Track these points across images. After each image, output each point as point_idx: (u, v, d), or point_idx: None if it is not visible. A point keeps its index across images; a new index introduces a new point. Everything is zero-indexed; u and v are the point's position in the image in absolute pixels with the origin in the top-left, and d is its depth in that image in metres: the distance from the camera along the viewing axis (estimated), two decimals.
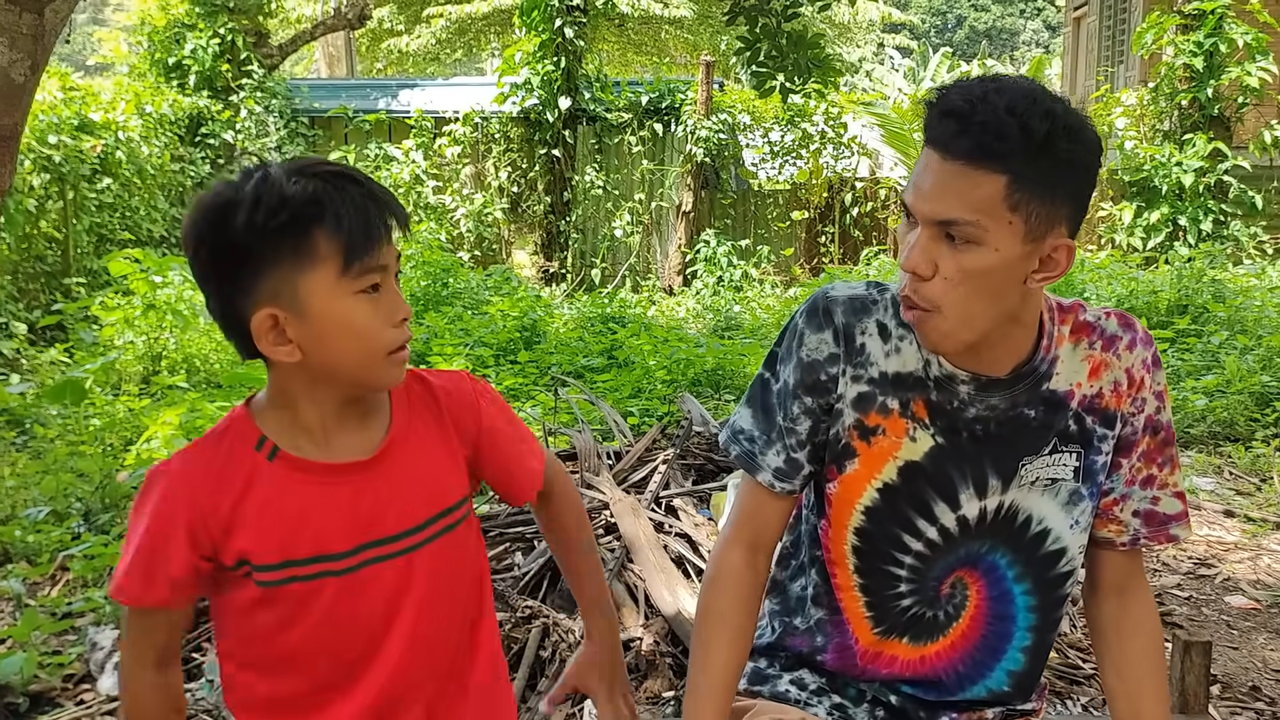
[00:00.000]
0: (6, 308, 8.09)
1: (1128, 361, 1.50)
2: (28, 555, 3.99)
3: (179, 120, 11.98)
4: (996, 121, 1.27)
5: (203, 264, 1.27)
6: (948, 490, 1.49)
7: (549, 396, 5.96)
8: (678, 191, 12.83)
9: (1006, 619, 1.57)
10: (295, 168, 1.25)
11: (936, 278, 1.34)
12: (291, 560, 1.31)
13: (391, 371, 1.31)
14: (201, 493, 1.29)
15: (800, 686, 1.64)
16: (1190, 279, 8.68)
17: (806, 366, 1.51)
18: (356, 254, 1.23)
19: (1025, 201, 1.29)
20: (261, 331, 1.25)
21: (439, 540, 1.38)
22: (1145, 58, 12.52)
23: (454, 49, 22.47)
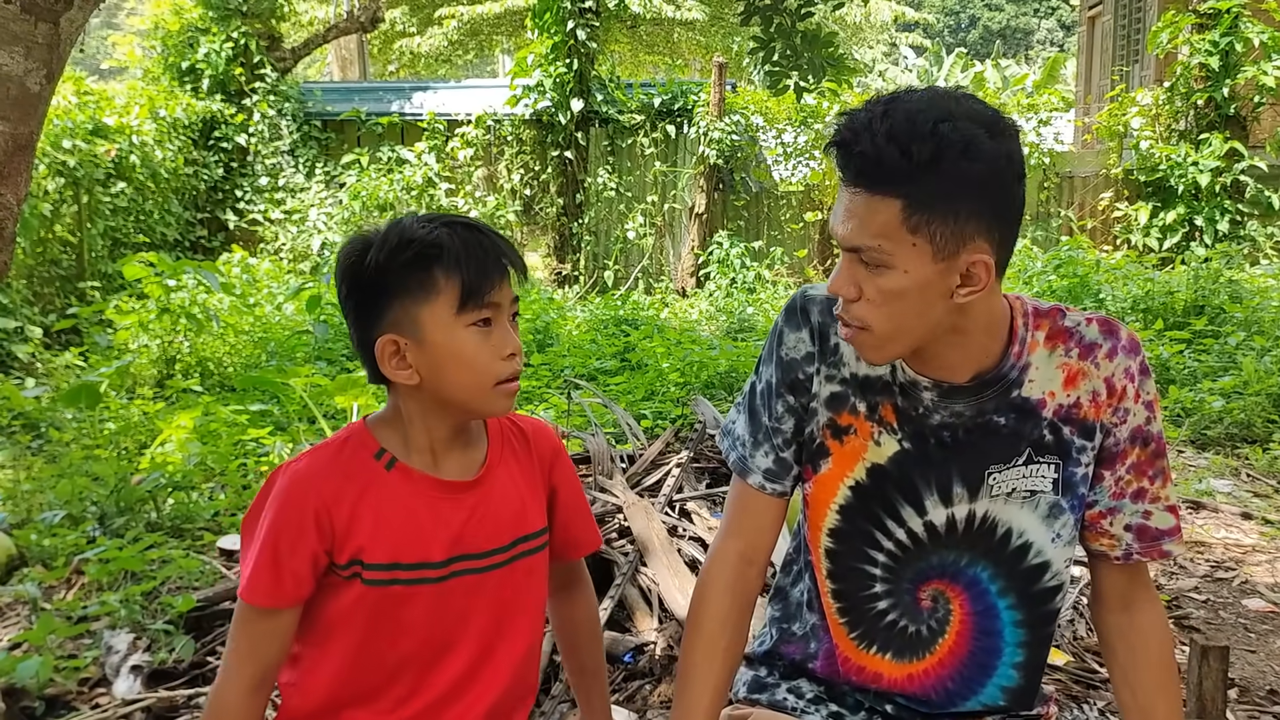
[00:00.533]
0: (22, 312, 8.13)
1: (1107, 370, 1.47)
2: (43, 559, 4.00)
3: (192, 124, 12.04)
4: (875, 150, 1.29)
5: (344, 295, 1.44)
6: (912, 496, 1.50)
7: (562, 399, 5.96)
8: (690, 193, 12.82)
9: (993, 634, 1.55)
10: (427, 216, 1.42)
11: (862, 299, 1.37)
12: (399, 563, 1.44)
13: (500, 401, 1.44)
14: (328, 487, 1.43)
15: (797, 695, 1.64)
16: (1207, 279, 8.63)
17: (786, 365, 1.54)
18: (470, 291, 1.38)
19: (925, 223, 1.30)
20: (384, 355, 1.41)
21: (517, 563, 1.51)
22: (1160, 57, 12.46)
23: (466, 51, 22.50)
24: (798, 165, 12.83)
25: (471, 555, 1.48)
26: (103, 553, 3.77)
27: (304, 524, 1.41)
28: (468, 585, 1.48)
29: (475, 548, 1.48)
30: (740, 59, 19.41)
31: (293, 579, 1.42)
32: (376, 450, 1.46)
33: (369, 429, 1.49)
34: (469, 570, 1.48)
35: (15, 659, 3.05)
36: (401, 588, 1.44)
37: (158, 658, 3.11)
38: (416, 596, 1.45)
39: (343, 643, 1.48)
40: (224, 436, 5.22)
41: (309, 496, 1.42)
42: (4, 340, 7.73)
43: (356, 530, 1.43)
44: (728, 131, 12.44)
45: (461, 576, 1.47)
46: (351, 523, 1.42)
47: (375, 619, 1.46)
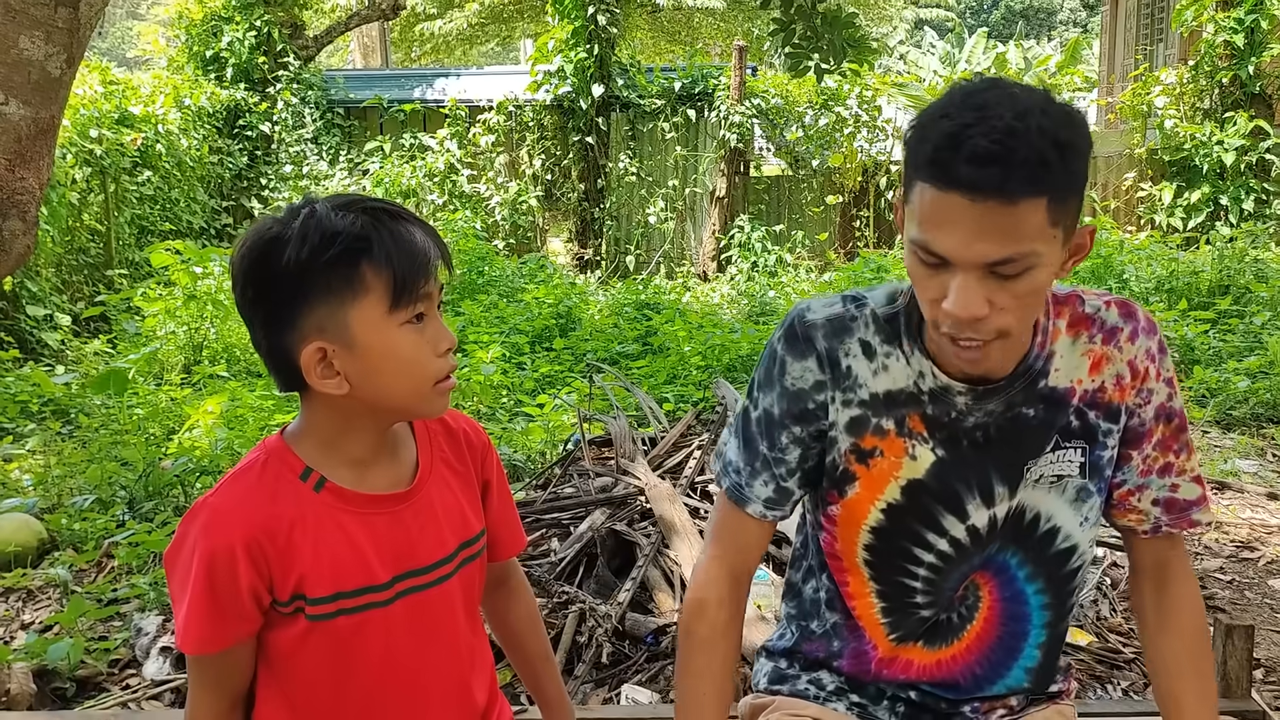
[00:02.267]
0: (51, 300, 8.21)
1: (1130, 353, 1.46)
2: (74, 543, 4.05)
3: (216, 113, 12.11)
4: (1037, 152, 1.20)
5: (250, 299, 1.28)
6: (954, 503, 1.46)
7: (584, 383, 5.98)
8: (711, 177, 12.80)
9: (1021, 619, 1.54)
10: (341, 203, 1.27)
11: (994, 311, 1.28)
12: (342, 592, 1.31)
13: (438, 401, 1.34)
14: (256, 519, 1.28)
15: (819, 686, 1.63)
16: (1232, 259, 8.56)
17: (793, 396, 1.47)
18: (403, 286, 1.25)
19: (1063, 213, 1.25)
20: (310, 365, 1.27)
21: (464, 569, 1.42)
22: (1185, 35, 12.32)
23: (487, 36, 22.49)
24: (818, 148, 12.77)
25: (416, 571, 1.36)
26: (132, 536, 3.82)
27: (235, 563, 1.26)
28: (417, 604, 1.36)
29: (419, 562, 1.36)
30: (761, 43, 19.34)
31: (235, 619, 1.29)
32: (301, 470, 1.32)
33: (288, 445, 1.34)
34: (416, 588, 1.36)
35: (47, 641, 3.09)
36: (347, 618, 1.31)
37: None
38: (367, 625, 1.33)
39: (302, 688, 1.35)
40: (250, 421, 5.27)
41: (236, 532, 1.26)
42: (34, 328, 7.81)
43: (295, 562, 1.29)
44: (748, 115, 12.40)
45: (408, 596, 1.35)
46: (288, 555, 1.28)
47: (328, 658, 1.33)
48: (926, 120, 1.27)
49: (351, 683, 1.35)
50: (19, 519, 4.07)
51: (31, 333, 7.78)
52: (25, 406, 6.03)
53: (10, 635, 3.39)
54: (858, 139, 12.73)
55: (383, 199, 1.32)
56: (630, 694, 2.84)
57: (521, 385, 6.39)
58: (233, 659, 1.32)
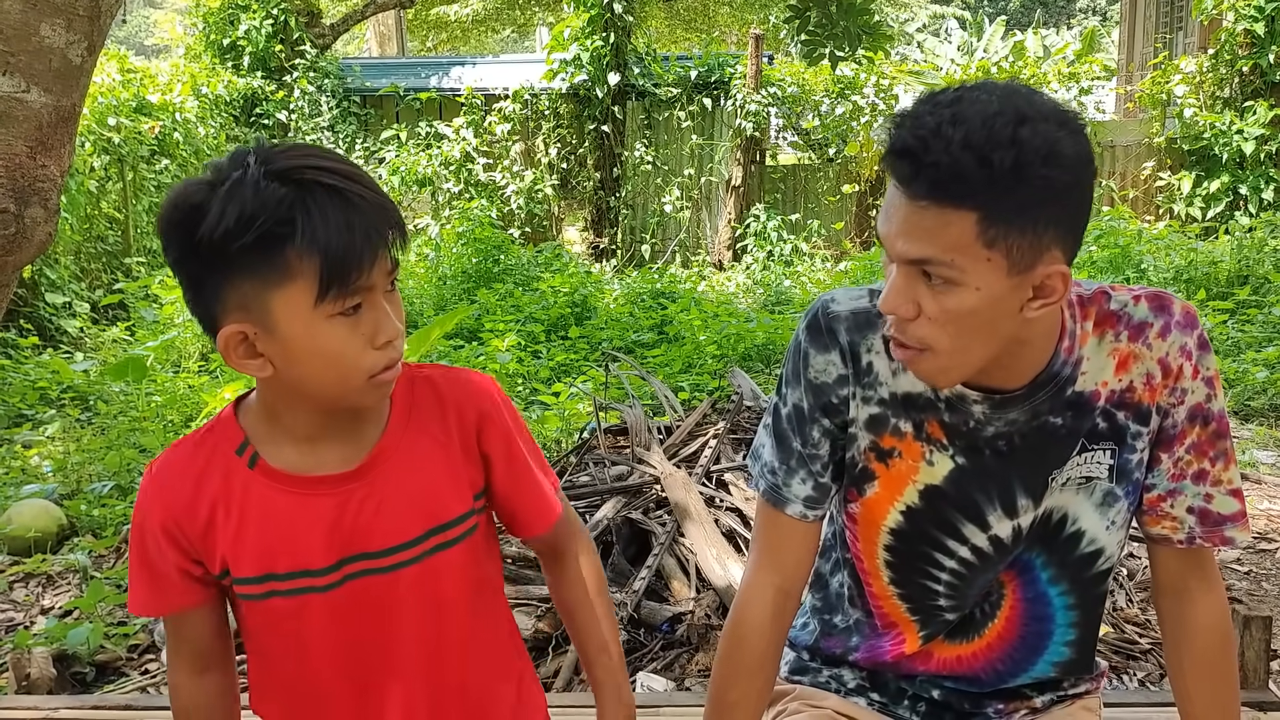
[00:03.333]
0: (70, 288, 8.26)
1: (1160, 350, 1.37)
2: (93, 528, 4.08)
3: (234, 101, 12.15)
4: (950, 161, 1.15)
5: (172, 263, 1.16)
6: (974, 512, 1.42)
7: (600, 372, 5.98)
8: (727, 166, 12.77)
9: (1045, 619, 1.50)
10: (276, 169, 1.10)
11: (921, 317, 1.24)
12: (272, 574, 1.23)
13: (372, 394, 1.20)
14: (180, 492, 1.23)
15: (839, 682, 1.61)
16: (1251, 249, 8.50)
17: (817, 389, 1.43)
18: (333, 278, 1.10)
19: (1003, 236, 1.18)
20: (229, 346, 1.15)
21: (434, 557, 1.27)
22: (1205, 23, 12.21)
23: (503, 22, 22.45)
24: (835, 137, 12.73)
25: (368, 554, 1.24)
26: None
27: (157, 534, 1.23)
28: (373, 589, 1.25)
29: (370, 546, 1.24)
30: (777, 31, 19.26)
31: (168, 588, 1.25)
32: (239, 443, 1.23)
33: (237, 417, 1.26)
34: (368, 571, 1.24)
35: (66, 626, 3.11)
36: (282, 600, 1.23)
37: None
38: (307, 609, 1.24)
39: (266, 661, 1.31)
40: None
41: (157, 502, 1.23)
42: (53, 315, 7.86)
43: (216, 538, 1.22)
44: (764, 104, 12.37)
45: (360, 579, 1.24)
46: (208, 530, 1.22)
47: (274, 636, 1.27)
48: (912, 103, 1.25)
49: (306, 663, 1.28)
50: (39, 505, 4.10)
51: (50, 320, 7.83)
52: (45, 393, 6.08)
53: (30, 620, 3.42)
54: (874, 128, 12.68)
55: (329, 160, 1.14)
56: (646, 682, 2.85)
57: (537, 374, 6.40)
58: (187, 625, 1.29)
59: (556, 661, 2.92)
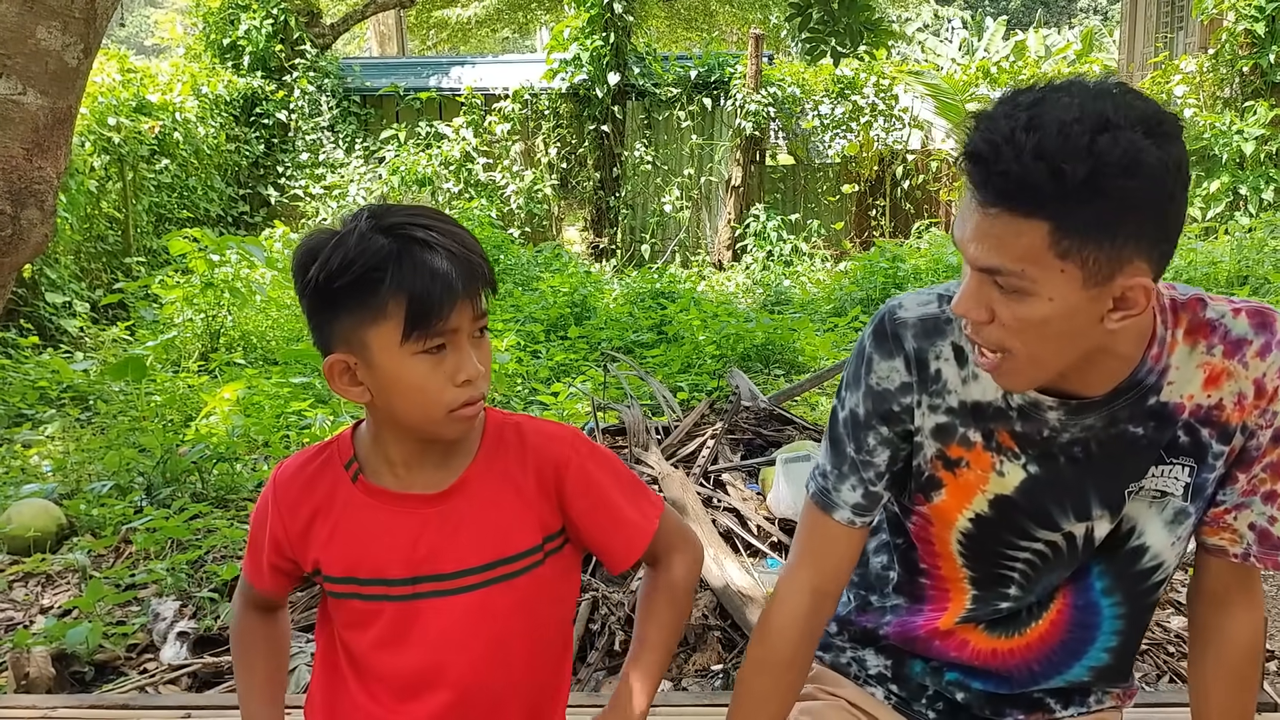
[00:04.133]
0: (70, 287, 8.26)
1: (1258, 370, 1.31)
2: (92, 528, 4.08)
3: (234, 100, 12.15)
4: (1021, 170, 1.11)
5: (299, 296, 1.33)
6: (1045, 519, 1.39)
7: (599, 372, 5.98)
8: (727, 166, 12.77)
9: (1089, 627, 1.47)
10: (385, 224, 1.26)
11: (995, 322, 1.22)
12: (355, 578, 1.38)
13: (453, 427, 1.33)
14: (291, 494, 1.41)
15: (861, 666, 1.59)
16: (1251, 249, 8.51)
17: (878, 396, 1.40)
18: (417, 321, 1.25)
19: (1077, 248, 1.13)
20: (333, 374, 1.32)
21: (498, 586, 1.38)
22: (1205, 23, 12.21)
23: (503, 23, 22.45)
24: (835, 137, 12.73)
25: (439, 576, 1.37)
26: (149, 522, 3.85)
27: (263, 527, 1.43)
28: (439, 608, 1.37)
29: (442, 568, 1.37)
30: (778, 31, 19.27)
31: (268, 572, 1.45)
32: (348, 459, 1.40)
33: (353, 436, 1.42)
34: (439, 593, 1.37)
35: (66, 625, 3.11)
36: (362, 603, 1.39)
37: (203, 624, 3.18)
38: (383, 613, 1.38)
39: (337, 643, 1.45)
40: (267, 409, 5.30)
41: (272, 500, 1.42)
42: (53, 315, 7.87)
43: (312, 540, 1.40)
44: (764, 104, 12.37)
45: (431, 599, 1.37)
46: (307, 532, 1.40)
47: (348, 628, 1.42)
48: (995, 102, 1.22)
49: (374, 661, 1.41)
50: (38, 504, 4.10)
51: (50, 319, 7.84)
52: (45, 393, 6.08)
53: (30, 619, 3.42)
54: (874, 128, 12.69)
55: (432, 220, 1.30)
56: None
57: (536, 374, 6.41)
58: (262, 595, 1.49)
59: None
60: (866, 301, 8.57)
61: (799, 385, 4.97)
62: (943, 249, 9.64)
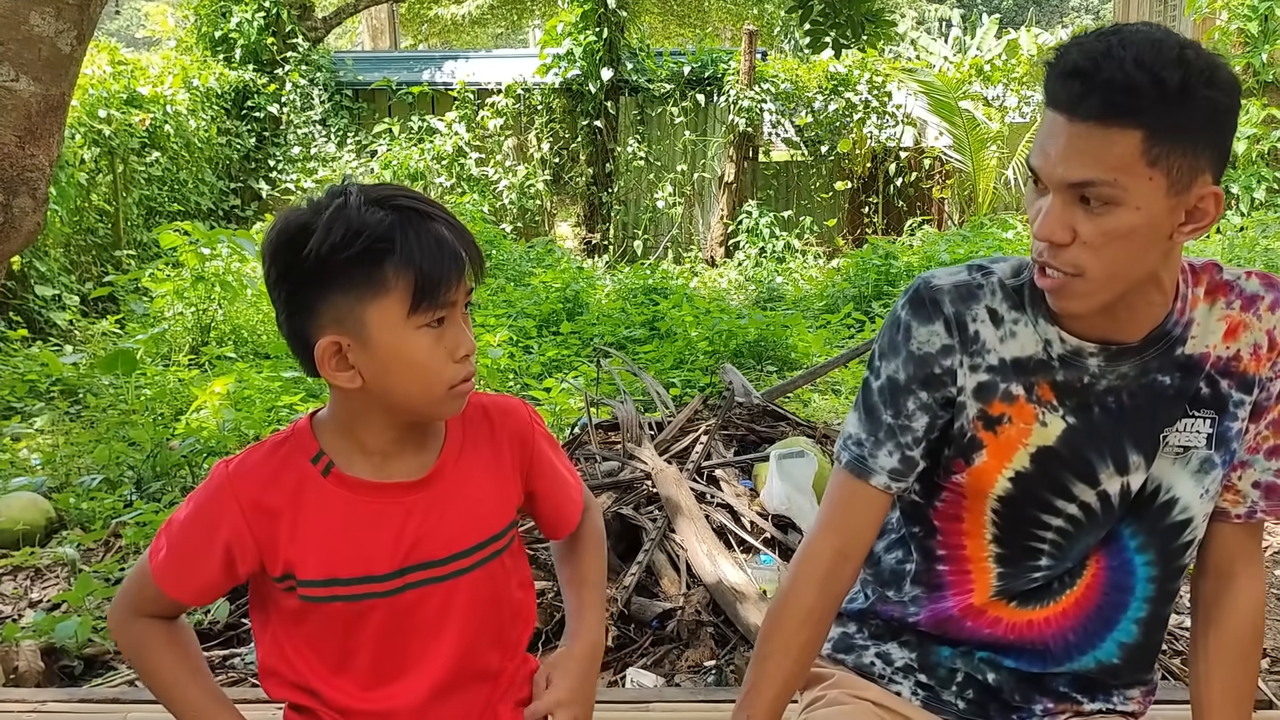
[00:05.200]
0: (59, 280, 8.22)
1: (1270, 322, 1.42)
2: (81, 522, 4.07)
3: (225, 94, 12.10)
4: (1125, 76, 1.20)
5: (275, 281, 1.28)
6: (1086, 470, 1.43)
7: (591, 367, 5.98)
8: (720, 162, 12.77)
9: (1125, 590, 1.50)
10: (375, 197, 1.25)
11: (1075, 243, 1.28)
12: (337, 579, 1.32)
13: (451, 404, 1.32)
14: (252, 494, 1.31)
15: (886, 661, 1.59)
16: (1242, 248, 8.53)
17: (919, 360, 1.44)
18: (425, 291, 1.23)
19: (1165, 155, 1.22)
20: (325, 357, 1.27)
21: (487, 565, 1.38)
22: (1198, 22, 12.24)
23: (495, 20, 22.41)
24: (828, 134, 12.73)
25: (429, 564, 1.34)
26: (139, 516, 3.84)
27: (217, 531, 1.30)
28: (432, 596, 1.35)
29: (431, 555, 1.34)
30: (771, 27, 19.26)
31: (197, 587, 1.33)
32: (315, 453, 1.33)
33: (312, 428, 1.36)
34: (430, 580, 1.35)
35: (55, 619, 3.10)
36: (344, 604, 1.32)
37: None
38: (370, 613, 1.34)
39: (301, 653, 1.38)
40: (257, 403, 5.28)
41: (230, 502, 1.31)
42: (42, 308, 7.83)
43: (285, 543, 1.31)
44: (757, 100, 12.36)
45: (421, 588, 1.35)
46: (276, 534, 1.31)
47: (327, 634, 1.35)
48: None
49: (345, 662, 1.36)
50: (27, 498, 4.09)
51: (40, 312, 7.80)
52: (34, 386, 6.05)
53: (18, 613, 3.40)
54: (867, 125, 12.69)
55: (420, 195, 1.29)
56: (635, 677, 2.84)
57: (528, 369, 6.39)
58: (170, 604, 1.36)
59: (545, 656, 2.92)
60: (859, 299, 8.57)
61: (792, 381, 4.97)
62: (935, 246, 9.64)
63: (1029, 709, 1.54)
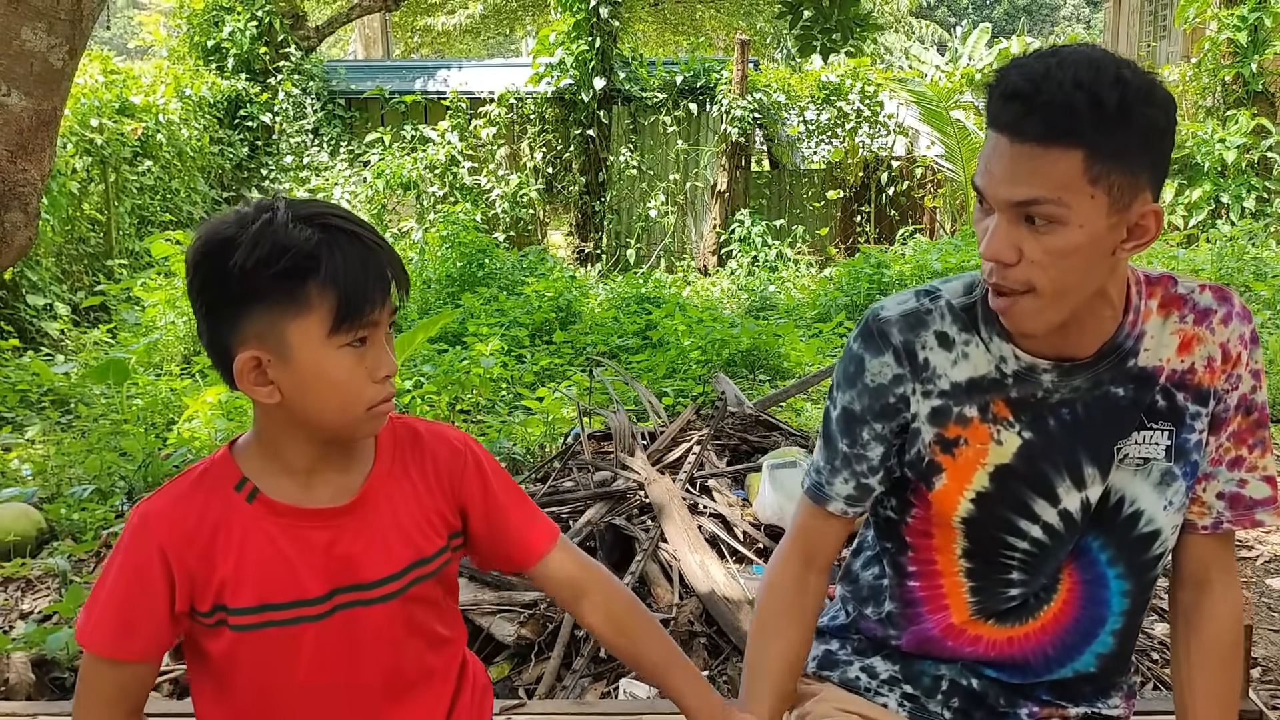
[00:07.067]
0: (51, 289, 8.20)
1: (1222, 336, 1.44)
2: (73, 532, 4.05)
3: (217, 103, 12.09)
4: (1064, 97, 1.22)
5: (196, 292, 1.26)
6: (1044, 486, 1.45)
7: (584, 377, 5.98)
8: (712, 171, 12.78)
9: (1100, 604, 1.51)
10: (303, 214, 1.23)
11: (1023, 261, 1.30)
12: (269, 604, 1.30)
13: (369, 425, 1.31)
14: (178, 530, 1.28)
15: (871, 675, 1.61)
16: (1231, 257, 8.57)
17: (873, 392, 1.48)
18: (347, 312, 1.23)
19: (1106, 173, 1.25)
20: (244, 371, 1.25)
21: (415, 589, 1.37)
22: (1188, 32, 12.32)
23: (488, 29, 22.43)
24: (820, 143, 12.76)
25: (358, 586, 1.33)
26: None
27: (150, 572, 1.27)
28: (360, 620, 1.34)
29: (361, 577, 1.33)
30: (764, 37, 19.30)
31: (146, 628, 1.29)
32: (237, 480, 1.31)
33: (233, 455, 1.34)
34: (358, 602, 1.33)
35: (45, 630, 3.08)
36: (278, 629, 1.30)
37: None
38: (302, 637, 1.31)
39: (236, 693, 1.35)
40: (249, 413, 5.25)
41: (154, 540, 1.28)
42: (34, 317, 7.81)
43: (213, 573, 1.28)
44: (750, 109, 12.38)
45: (350, 609, 1.33)
46: (206, 566, 1.28)
47: (260, 667, 1.32)
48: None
49: (279, 693, 1.34)
50: (18, 508, 4.07)
51: (31, 322, 7.78)
52: (25, 396, 6.03)
53: (9, 624, 3.39)
54: (859, 134, 12.72)
55: (348, 213, 1.28)
56: (628, 688, 2.84)
57: (521, 378, 6.39)
58: (132, 673, 1.31)
59: (540, 667, 2.92)
60: (851, 307, 8.59)
61: (784, 391, 4.97)
62: (927, 255, 9.66)
63: (1015, 713, 1.56)
